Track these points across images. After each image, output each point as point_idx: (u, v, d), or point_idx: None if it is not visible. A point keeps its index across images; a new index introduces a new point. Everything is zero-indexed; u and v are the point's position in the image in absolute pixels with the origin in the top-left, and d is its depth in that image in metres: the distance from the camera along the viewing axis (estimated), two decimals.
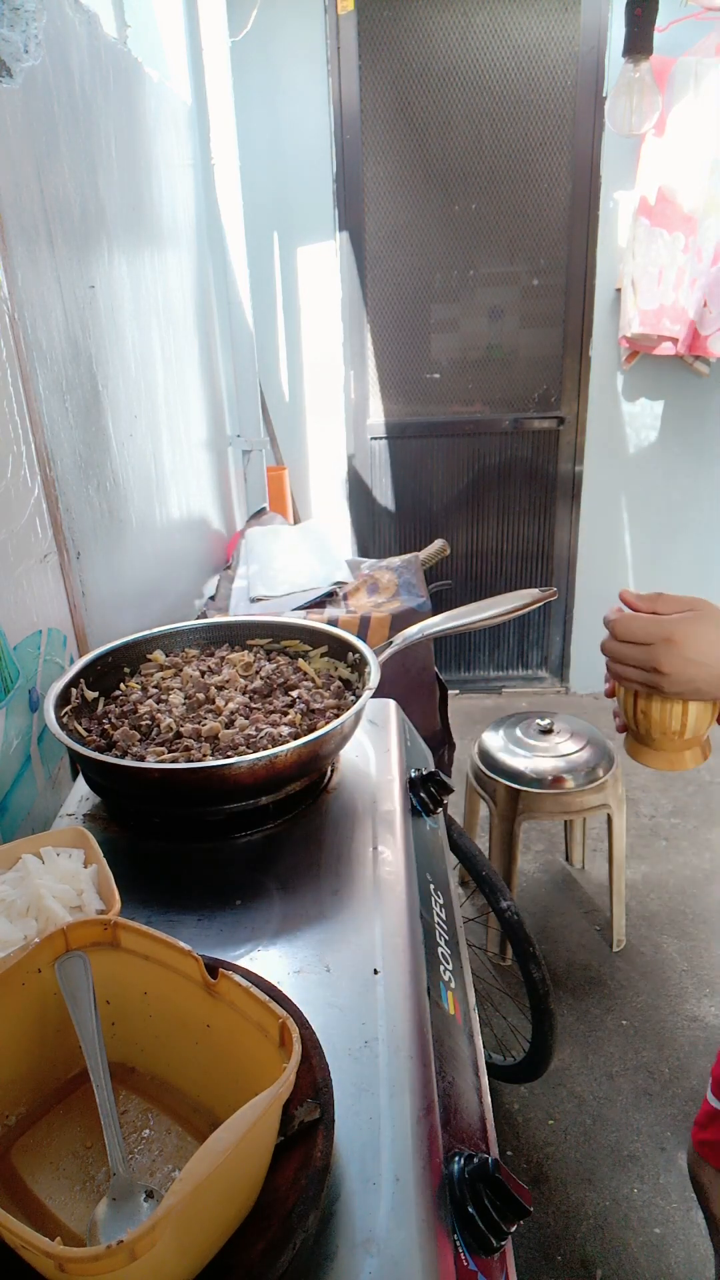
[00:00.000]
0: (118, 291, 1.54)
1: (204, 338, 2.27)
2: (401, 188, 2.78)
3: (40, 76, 1.20)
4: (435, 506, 3.18)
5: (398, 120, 2.71)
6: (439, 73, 2.64)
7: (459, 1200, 0.58)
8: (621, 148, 2.61)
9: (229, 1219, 0.50)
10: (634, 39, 2.21)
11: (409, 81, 2.66)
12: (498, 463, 3.10)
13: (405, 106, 2.69)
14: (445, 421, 3.06)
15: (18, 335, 1.11)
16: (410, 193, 2.78)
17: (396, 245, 2.84)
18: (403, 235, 2.83)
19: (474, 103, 2.67)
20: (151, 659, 1.18)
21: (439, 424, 3.06)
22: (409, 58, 2.63)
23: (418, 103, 2.68)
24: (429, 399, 3.04)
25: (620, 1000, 1.98)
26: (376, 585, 1.77)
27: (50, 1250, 0.40)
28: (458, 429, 3.06)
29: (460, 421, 3.05)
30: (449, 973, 0.85)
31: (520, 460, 3.09)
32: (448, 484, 3.15)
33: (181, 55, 2.18)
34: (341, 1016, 0.70)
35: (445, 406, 3.05)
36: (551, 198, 2.76)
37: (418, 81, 2.66)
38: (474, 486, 3.14)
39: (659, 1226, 1.52)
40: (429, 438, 3.08)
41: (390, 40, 2.62)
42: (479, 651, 3.40)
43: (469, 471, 3.12)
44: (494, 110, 2.67)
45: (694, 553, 3.15)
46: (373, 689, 0.99)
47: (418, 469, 3.12)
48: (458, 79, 2.64)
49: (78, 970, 0.60)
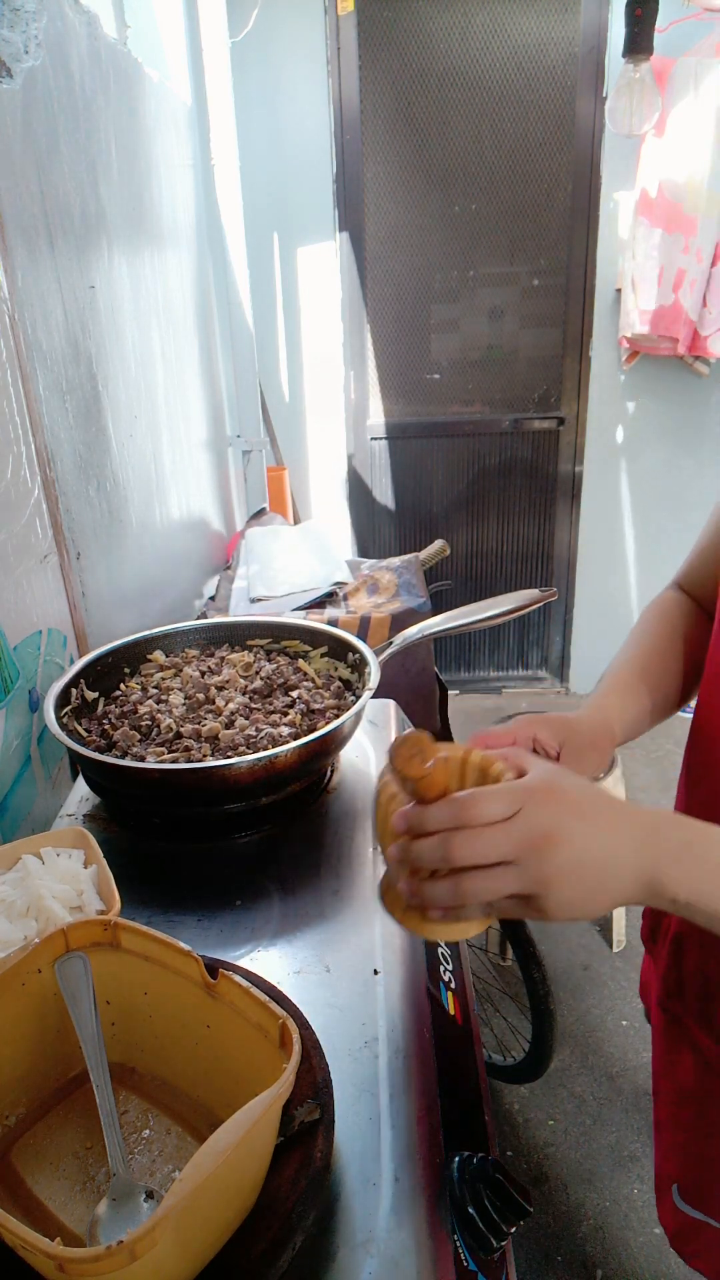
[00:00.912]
0: (118, 292, 1.54)
1: (204, 338, 2.27)
2: (401, 188, 2.78)
3: (40, 77, 1.20)
4: (435, 506, 3.18)
5: (398, 120, 2.71)
6: (439, 72, 2.64)
7: (459, 1200, 0.58)
8: (621, 148, 2.61)
9: (229, 1219, 0.50)
10: (634, 39, 2.22)
11: (409, 82, 2.66)
12: (498, 463, 3.10)
13: (405, 107, 2.69)
14: (445, 422, 3.06)
15: (18, 335, 1.11)
16: (410, 193, 2.78)
17: (396, 245, 2.84)
18: (403, 235, 2.83)
19: (474, 102, 2.67)
20: (151, 659, 1.18)
21: (439, 424, 3.06)
22: (409, 58, 2.63)
23: (418, 103, 2.68)
24: (429, 399, 3.04)
25: (620, 1000, 1.98)
26: (376, 585, 1.77)
27: (50, 1250, 0.40)
28: (458, 429, 3.06)
29: (460, 422, 3.05)
30: (449, 973, 0.85)
31: (520, 460, 3.09)
32: (448, 484, 3.15)
33: (181, 55, 2.18)
34: (341, 1017, 0.70)
35: (445, 407, 3.05)
36: (552, 198, 2.76)
37: (418, 82, 2.66)
38: (474, 486, 3.14)
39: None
40: (429, 438, 3.08)
41: (390, 40, 2.62)
42: (479, 652, 3.40)
43: (469, 472, 3.12)
44: (494, 110, 2.67)
45: None
46: (373, 689, 0.99)
47: (418, 469, 3.12)
48: (458, 79, 2.64)
49: (78, 970, 0.60)
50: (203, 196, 2.32)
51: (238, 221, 2.44)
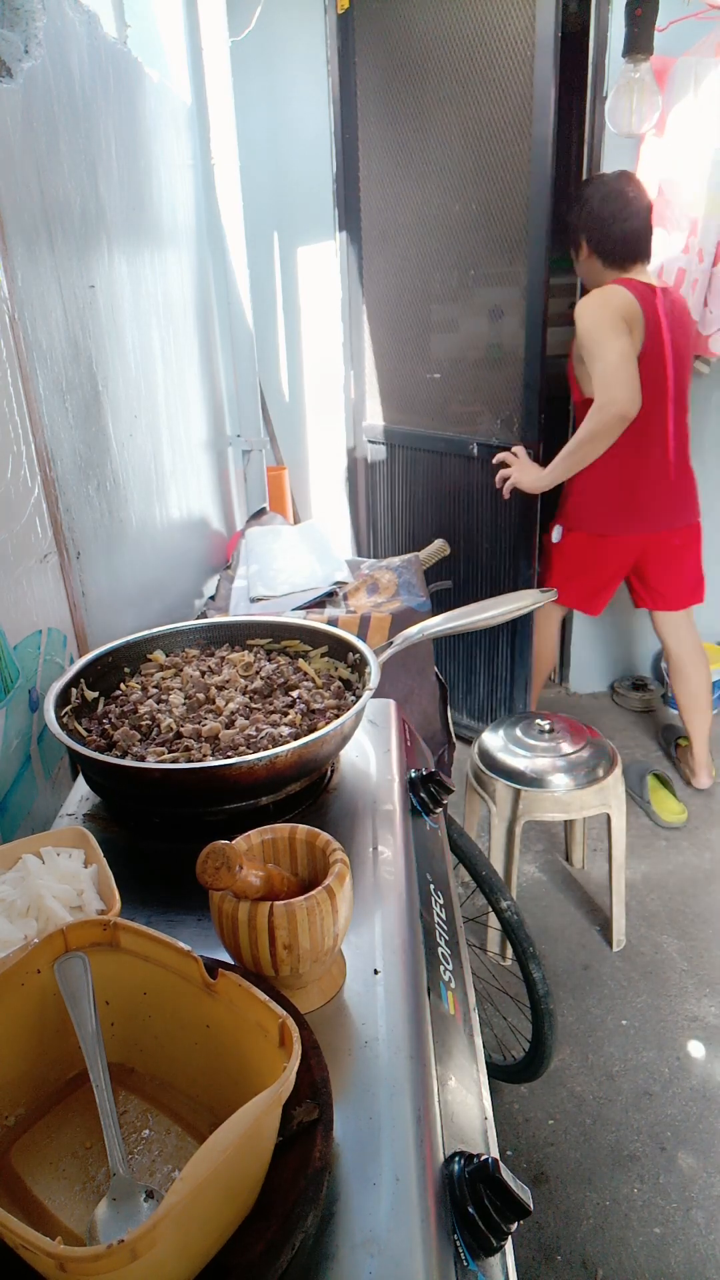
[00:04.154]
0: (118, 291, 1.54)
1: (204, 338, 2.27)
2: (402, 187, 2.77)
3: (40, 76, 1.20)
4: (435, 506, 3.18)
5: (398, 119, 2.70)
6: (438, 70, 2.63)
7: (459, 1200, 0.58)
8: (621, 148, 2.61)
9: (229, 1219, 0.50)
10: (634, 39, 2.21)
11: (408, 79, 2.65)
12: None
13: (405, 105, 2.68)
14: (445, 422, 3.06)
15: (18, 335, 1.11)
16: (411, 192, 2.77)
17: (396, 244, 2.84)
18: (403, 234, 2.82)
19: (474, 101, 2.66)
20: (151, 659, 1.18)
21: (439, 424, 3.06)
22: (408, 55, 2.62)
23: (417, 101, 2.68)
24: (429, 399, 3.04)
25: (620, 1000, 1.98)
26: (376, 585, 1.77)
27: (51, 1250, 0.40)
28: (457, 429, 3.06)
29: (460, 422, 3.05)
30: (449, 973, 0.85)
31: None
32: (447, 483, 3.14)
33: (181, 55, 2.18)
34: (341, 1016, 0.70)
35: (445, 406, 3.04)
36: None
37: (417, 79, 2.65)
38: (474, 486, 3.14)
39: (659, 1226, 1.52)
40: (429, 438, 3.08)
41: (388, 37, 2.61)
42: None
43: (469, 471, 3.12)
44: (494, 108, 2.66)
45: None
46: (373, 689, 0.99)
47: (418, 469, 3.12)
48: (458, 76, 2.64)
49: (77, 971, 0.60)
50: (203, 196, 2.32)
51: (238, 221, 2.44)
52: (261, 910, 0.65)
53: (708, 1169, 1.61)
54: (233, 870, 0.63)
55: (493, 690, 3.11)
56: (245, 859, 0.64)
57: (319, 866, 0.73)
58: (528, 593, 1.21)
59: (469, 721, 3.18)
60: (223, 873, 0.63)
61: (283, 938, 0.64)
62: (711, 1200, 1.56)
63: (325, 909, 0.66)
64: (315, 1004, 0.71)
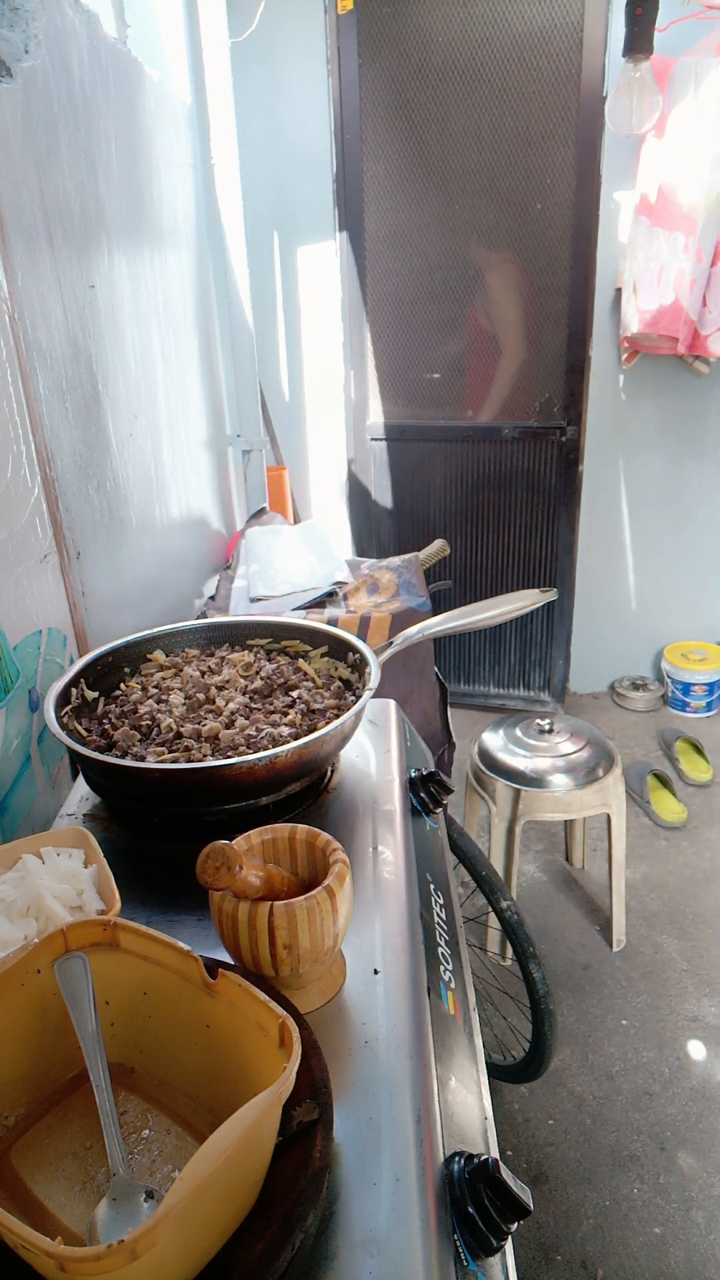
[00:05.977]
0: (118, 291, 1.54)
1: (204, 338, 2.27)
2: (402, 187, 2.77)
3: (40, 76, 1.20)
4: (434, 506, 3.18)
5: (398, 119, 2.70)
6: (438, 69, 2.63)
7: (459, 1200, 0.58)
8: (621, 148, 2.61)
9: (229, 1219, 0.50)
10: (634, 39, 2.21)
11: (408, 79, 2.65)
12: (496, 462, 3.10)
13: (405, 104, 2.69)
14: (445, 421, 3.06)
15: (18, 335, 1.11)
16: (410, 192, 2.78)
17: (397, 244, 2.84)
18: (403, 234, 2.82)
19: (474, 100, 2.66)
20: (151, 659, 1.18)
21: (438, 424, 3.06)
22: (409, 54, 2.63)
23: (418, 100, 2.68)
24: (429, 399, 3.04)
25: (620, 1000, 1.98)
26: (376, 585, 1.77)
27: (51, 1250, 0.40)
28: (457, 429, 3.06)
29: (460, 421, 3.05)
30: (449, 973, 0.85)
31: (519, 459, 3.09)
32: (447, 483, 3.14)
33: (181, 55, 2.18)
34: (341, 1016, 0.70)
35: (445, 406, 3.05)
36: (552, 198, 2.75)
37: (417, 79, 2.65)
38: (473, 486, 3.14)
39: (659, 1226, 1.52)
40: (429, 438, 3.08)
41: (389, 37, 2.61)
42: (479, 665, 3.38)
43: (468, 471, 3.12)
44: (494, 107, 2.66)
45: (695, 552, 3.15)
46: (373, 689, 0.99)
47: (418, 469, 3.12)
48: (458, 75, 2.64)
49: (77, 971, 0.60)
50: (203, 196, 2.32)
51: (238, 221, 2.44)
52: (261, 910, 0.65)
53: (708, 1169, 1.61)
54: (233, 870, 0.63)
55: (525, 654, 3.09)
56: (245, 859, 0.65)
57: (319, 866, 0.73)
58: (528, 592, 1.20)
59: (497, 690, 3.18)
60: (223, 873, 0.63)
61: (283, 938, 0.64)
62: (711, 1200, 1.56)
63: (325, 909, 0.66)
64: (315, 1004, 0.71)
